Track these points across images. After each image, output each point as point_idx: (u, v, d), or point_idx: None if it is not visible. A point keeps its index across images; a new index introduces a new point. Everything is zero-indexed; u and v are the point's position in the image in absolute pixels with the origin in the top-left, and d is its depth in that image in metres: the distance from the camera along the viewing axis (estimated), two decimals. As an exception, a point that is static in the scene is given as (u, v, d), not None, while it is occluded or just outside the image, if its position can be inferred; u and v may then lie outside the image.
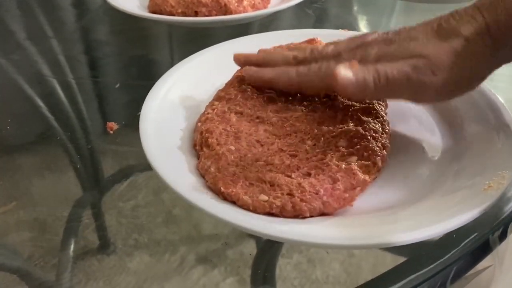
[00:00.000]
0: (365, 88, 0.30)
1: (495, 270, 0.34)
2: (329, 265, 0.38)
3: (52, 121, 0.48)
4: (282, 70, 0.37)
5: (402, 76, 0.30)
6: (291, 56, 0.37)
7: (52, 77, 0.55)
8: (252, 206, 0.29)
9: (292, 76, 0.36)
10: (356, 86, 0.30)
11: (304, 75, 0.35)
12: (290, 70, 0.36)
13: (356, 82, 0.30)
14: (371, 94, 0.31)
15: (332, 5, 0.73)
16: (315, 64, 0.35)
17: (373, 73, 0.30)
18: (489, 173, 0.30)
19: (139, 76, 0.56)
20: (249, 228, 0.27)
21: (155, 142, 0.33)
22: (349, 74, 0.30)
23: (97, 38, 0.68)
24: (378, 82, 0.30)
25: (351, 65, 0.31)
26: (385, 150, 0.33)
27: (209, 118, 0.36)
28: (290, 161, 0.32)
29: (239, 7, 0.58)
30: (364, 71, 0.30)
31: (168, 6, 0.58)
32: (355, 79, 0.30)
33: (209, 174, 0.31)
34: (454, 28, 0.30)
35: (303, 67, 0.35)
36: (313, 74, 0.34)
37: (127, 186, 0.40)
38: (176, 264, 0.35)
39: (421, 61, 0.30)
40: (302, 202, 0.29)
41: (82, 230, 0.37)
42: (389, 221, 0.28)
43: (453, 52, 0.30)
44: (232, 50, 0.43)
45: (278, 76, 0.37)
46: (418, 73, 0.30)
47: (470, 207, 0.27)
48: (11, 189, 0.40)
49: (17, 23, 0.70)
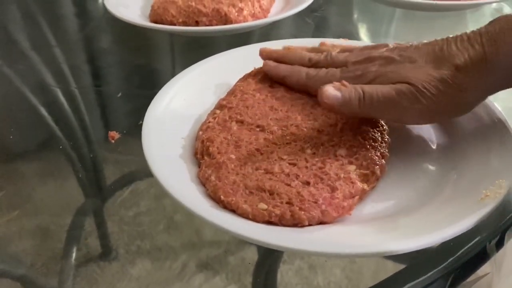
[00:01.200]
0: (350, 105, 0.32)
1: (493, 277, 0.34)
2: (330, 271, 0.38)
3: (55, 129, 0.48)
4: (295, 69, 0.40)
5: (385, 99, 0.32)
6: (307, 57, 0.40)
7: (55, 86, 0.55)
8: (252, 215, 0.29)
9: (302, 77, 0.39)
10: (342, 102, 0.32)
11: (311, 77, 0.38)
12: (301, 71, 0.39)
13: (342, 99, 0.32)
14: (355, 111, 0.33)
15: (332, 13, 0.74)
16: (324, 70, 0.38)
17: (359, 93, 0.32)
18: (487, 182, 0.30)
19: (141, 85, 0.56)
20: (248, 237, 0.27)
21: (157, 151, 0.33)
22: (336, 92, 0.32)
23: (100, 47, 0.68)
24: (363, 101, 0.32)
25: (341, 84, 0.33)
26: (384, 159, 0.33)
27: (210, 127, 0.37)
28: (290, 169, 0.32)
29: (239, 16, 0.59)
30: (351, 91, 0.33)
31: (169, 16, 0.59)
32: (341, 96, 0.32)
33: (210, 182, 0.32)
34: (450, 55, 0.32)
35: (313, 70, 0.39)
36: (318, 79, 0.38)
37: (129, 193, 0.40)
38: (178, 271, 0.36)
39: (407, 87, 0.32)
40: (301, 211, 0.29)
41: (84, 237, 0.37)
42: (387, 230, 0.29)
43: (441, 81, 0.31)
44: (233, 59, 0.43)
45: (290, 74, 0.40)
46: (402, 98, 0.32)
47: (467, 216, 0.27)
48: (14, 197, 0.40)
49: (21, 32, 0.70)
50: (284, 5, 0.67)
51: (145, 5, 0.66)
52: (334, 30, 0.71)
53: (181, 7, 0.59)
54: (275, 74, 0.41)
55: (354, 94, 0.32)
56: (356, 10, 0.78)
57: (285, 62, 0.41)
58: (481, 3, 0.65)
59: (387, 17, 0.73)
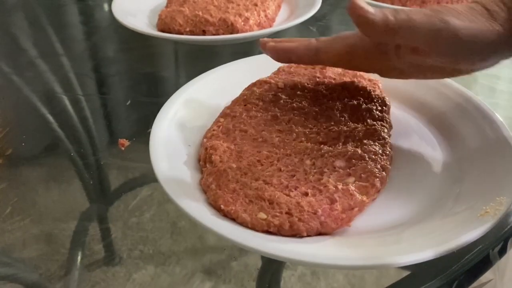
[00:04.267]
0: (386, 20, 0.29)
1: (496, 284, 0.34)
2: (333, 277, 0.38)
3: (61, 135, 0.49)
4: (301, 40, 0.37)
5: (422, 16, 0.30)
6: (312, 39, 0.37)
7: (62, 94, 0.56)
8: (251, 224, 0.29)
9: (312, 42, 0.35)
10: (376, 16, 0.29)
11: (325, 40, 0.35)
12: (310, 40, 0.36)
13: (375, 11, 0.30)
14: (392, 28, 0.30)
15: (335, 22, 0.74)
16: (334, 36, 0.35)
17: (392, 11, 0.30)
18: (488, 198, 0.30)
19: (148, 93, 0.56)
20: (247, 246, 0.27)
21: (163, 157, 0.34)
22: (368, 6, 0.30)
23: (107, 55, 0.69)
24: (398, 16, 0.29)
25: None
26: (385, 171, 0.33)
27: (214, 135, 0.37)
28: (288, 181, 0.32)
29: (245, 26, 0.59)
30: (380, 10, 0.30)
31: (176, 25, 0.59)
32: (373, 10, 0.30)
33: (211, 191, 0.32)
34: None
35: (323, 38, 0.36)
36: (333, 39, 0.35)
37: (133, 199, 0.41)
38: (181, 276, 0.36)
39: (443, 8, 0.30)
40: (300, 222, 0.29)
41: (89, 242, 0.37)
42: (386, 243, 0.28)
43: (471, 10, 0.30)
44: (240, 69, 0.44)
45: (297, 45, 0.36)
46: (440, 14, 0.29)
47: (465, 232, 0.27)
48: (20, 202, 0.41)
49: (29, 41, 0.71)
50: (289, 14, 0.67)
51: (152, 14, 0.67)
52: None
53: (188, 17, 0.60)
54: (280, 49, 0.37)
55: (387, 11, 0.30)
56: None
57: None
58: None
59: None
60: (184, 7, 0.61)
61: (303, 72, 0.44)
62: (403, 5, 0.65)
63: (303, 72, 0.44)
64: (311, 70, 0.44)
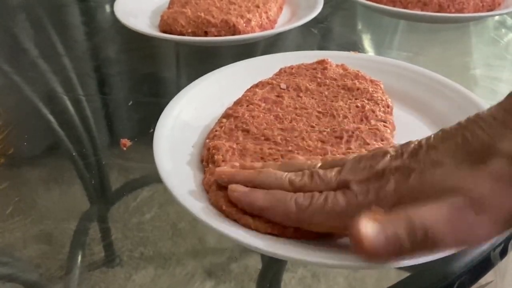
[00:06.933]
0: (400, 248, 0.22)
1: (496, 286, 0.34)
2: (334, 279, 0.38)
3: (63, 136, 0.49)
4: (278, 197, 0.28)
5: (445, 225, 0.22)
6: (287, 179, 0.29)
7: (64, 94, 0.56)
8: (254, 225, 0.29)
9: (291, 209, 0.27)
10: (387, 246, 0.22)
11: (305, 209, 0.27)
12: (287, 199, 0.28)
13: (386, 240, 0.22)
14: (407, 254, 0.23)
15: (337, 24, 0.74)
16: (318, 196, 0.27)
17: (405, 225, 0.22)
18: None
19: (149, 93, 0.57)
20: (252, 245, 0.27)
21: (167, 158, 0.34)
22: (374, 230, 0.22)
23: (108, 56, 0.69)
24: (415, 236, 0.22)
25: (373, 214, 0.23)
26: None
27: (216, 135, 0.37)
28: None
29: (247, 27, 0.59)
30: (393, 223, 0.22)
31: (178, 26, 0.60)
32: (384, 236, 0.22)
33: (213, 191, 0.32)
34: (487, 144, 0.23)
35: (303, 199, 0.27)
36: (316, 210, 0.27)
37: (133, 200, 0.41)
38: (181, 277, 0.36)
39: (459, 198, 0.22)
40: None
41: (89, 242, 0.37)
42: None
43: (495, 179, 0.22)
44: (241, 71, 0.44)
45: (273, 205, 0.28)
46: (462, 213, 0.22)
47: None
48: (20, 202, 0.41)
49: (30, 41, 0.71)
50: (291, 16, 0.67)
51: (154, 15, 0.67)
52: (338, 41, 0.72)
53: (190, 18, 0.60)
54: (250, 204, 0.29)
55: (399, 227, 0.22)
56: (361, 22, 0.78)
57: (256, 186, 0.30)
58: (484, 15, 0.65)
59: (391, 28, 0.73)
60: (186, 8, 0.62)
61: (304, 73, 0.44)
62: (405, 7, 0.65)
63: (305, 73, 0.44)
64: (313, 71, 0.44)
